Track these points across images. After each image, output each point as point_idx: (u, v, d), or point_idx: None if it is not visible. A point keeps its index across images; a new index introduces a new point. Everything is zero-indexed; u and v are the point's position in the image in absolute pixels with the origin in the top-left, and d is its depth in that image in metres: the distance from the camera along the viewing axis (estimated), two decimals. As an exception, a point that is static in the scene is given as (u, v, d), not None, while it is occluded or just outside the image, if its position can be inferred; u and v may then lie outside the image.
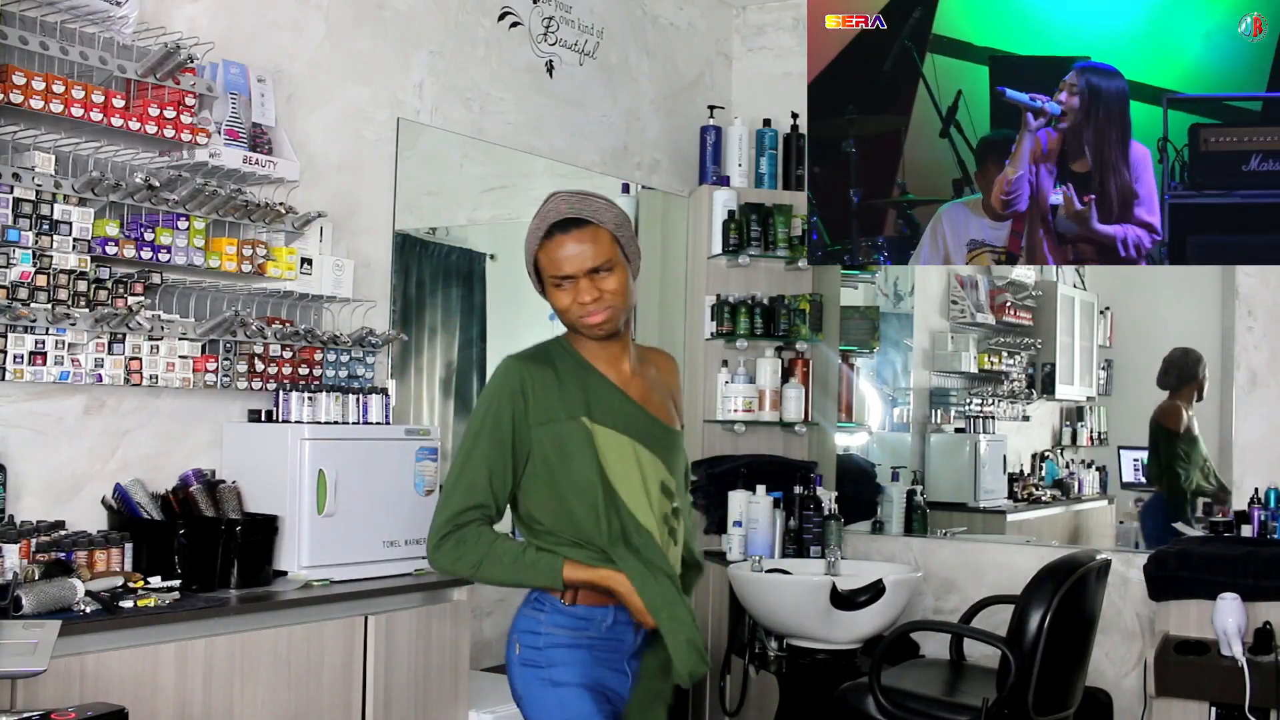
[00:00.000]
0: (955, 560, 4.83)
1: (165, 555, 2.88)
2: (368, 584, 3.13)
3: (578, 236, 2.29)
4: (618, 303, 2.32)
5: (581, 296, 2.30)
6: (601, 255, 2.29)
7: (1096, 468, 6.75)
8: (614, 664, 2.37)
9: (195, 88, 3.08)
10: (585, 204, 2.31)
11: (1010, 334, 6.62)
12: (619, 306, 2.32)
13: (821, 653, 4.25)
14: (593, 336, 2.35)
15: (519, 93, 4.33)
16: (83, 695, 2.42)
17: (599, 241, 2.29)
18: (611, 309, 2.31)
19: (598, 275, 2.30)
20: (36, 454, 2.92)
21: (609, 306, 2.31)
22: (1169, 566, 3.90)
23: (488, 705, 3.32)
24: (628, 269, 2.34)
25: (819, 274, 5.09)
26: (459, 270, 4.60)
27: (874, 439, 5.62)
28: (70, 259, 2.87)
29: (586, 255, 2.28)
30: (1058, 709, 3.66)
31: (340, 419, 3.25)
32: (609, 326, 2.33)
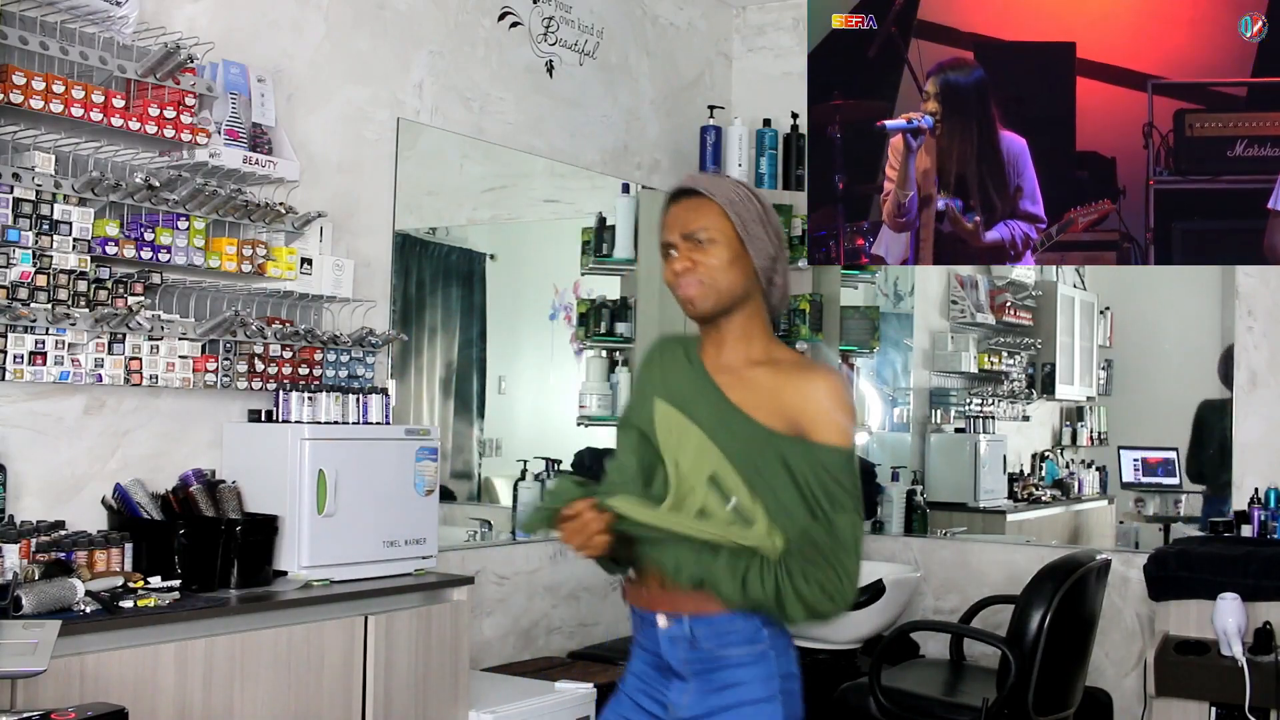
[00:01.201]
0: (955, 560, 4.83)
1: (165, 555, 2.88)
2: (368, 584, 3.13)
3: (685, 205, 2.19)
4: (712, 279, 2.16)
5: (675, 265, 2.18)
6: (700, 221, 2.17)
7: (1096, 468, 6.76)
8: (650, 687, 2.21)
9: (195, 88, 3.08)
10: (705, 179, 2.23)
11: (1010, 334, 6.62)
12: (713, 284, 2.16)
13: (821, 653, 4.25)
14: (687, 314, 2.22)
15: (519, 93, 4.33)
16: (83, 695, 2.42)
17: (703, 210, 2.17)
18: (703, 284, 2.16)
19: (699, 246, 2.17)
20: (36, 454, 2.92)
21: (701, 280, 2.16)
22: (1169, 566, 3.90)
23: (488, 705, 3.32)
24: (740, 253, 2.17)
25: (819, 274, 5.09)
26: (459, 270, 4.60)
27: (874, 439, 5.63)
28: (70, 259, 2.87)
29: (685, 219, 2.18)
30: (1058, 709, 3.66)
31: (340, 419, 3.25)
32: (700, 305, 2.17)
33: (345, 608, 3.02)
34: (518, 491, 4.45)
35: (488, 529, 4.36)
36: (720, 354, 2.21)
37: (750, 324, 2.21)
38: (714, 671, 2.13)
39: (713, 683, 2.14)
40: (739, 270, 2.17)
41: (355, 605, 3.05)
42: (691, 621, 2.13)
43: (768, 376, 2.17)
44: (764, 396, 2.15)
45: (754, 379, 2.18)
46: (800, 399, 2.13)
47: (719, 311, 2.18)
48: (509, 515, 4.56)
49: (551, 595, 4.36)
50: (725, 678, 2.13)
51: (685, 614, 2.13)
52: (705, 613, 2.12)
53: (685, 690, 2.15)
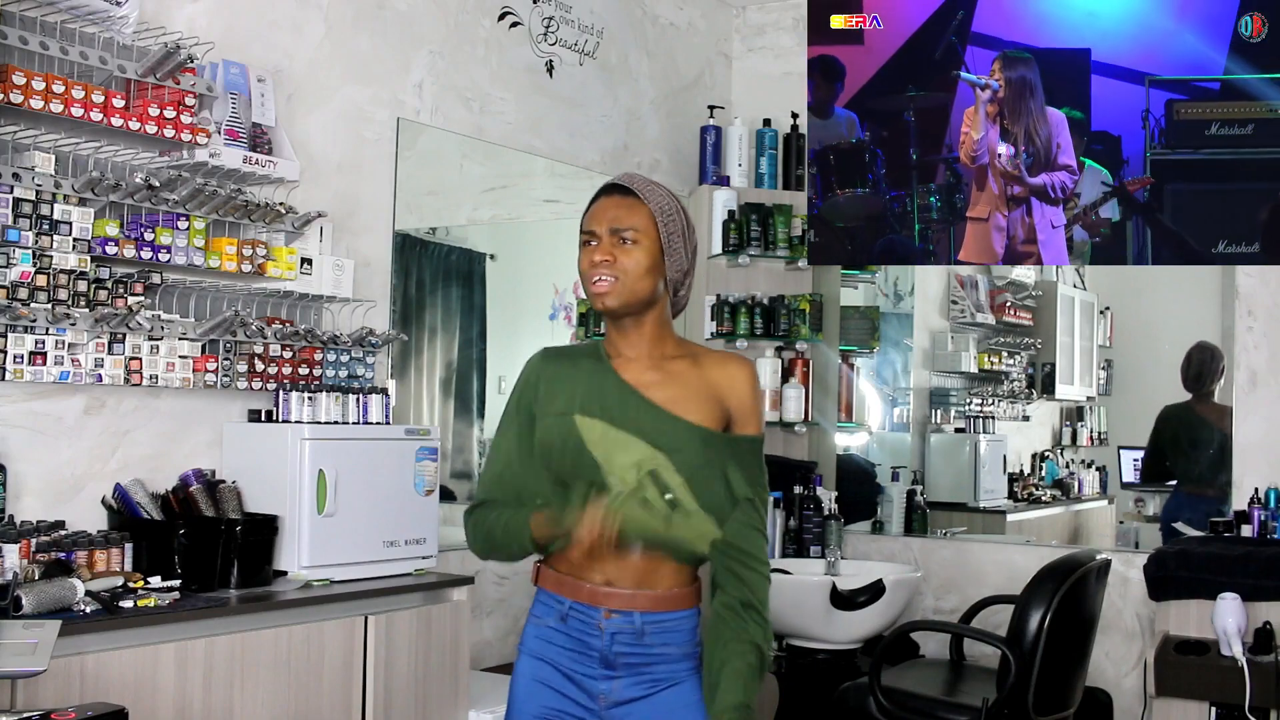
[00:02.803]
0: (955, 560, 4.83)
1: (165, 555, 2.88)
2: (368, 584, 3.13)
3: (617, 202, 2.26)
4: (628, 280, 2.23)
5: (594, 255, 2.24)
6: (630, 221, 2.23)
7: (1096, 468, 6.75)
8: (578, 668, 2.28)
9: (195, 88, 3.08)
10: (642, 181, 2.28)
11: (1010, 334, 6.62)
12: (628, 284, 2.23)
13: (821, 653, 4.26)
14: (594, 307, 2.28)
15: (519, 93, 4.33)
16: (83, 695, 2.42)
17: (636, 212, 2.24)
18: (618, 281, 2.23)
19: (622, 243, 2.23)
20: (36, 454, 2.92)
21: (617, 278, 2.23)
22: (1169, 566, 3.90)
23: (488, 705, 3.32)
24: (658, 259, 2.25)
25: (819, 274, 5.10)
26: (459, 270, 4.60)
27: (874, 439, 5.62)
28: (70, 259, 2.87)
29: (617, 216, 2.24)
30: (1058, 709, 3.66)
31: (340, 419, 3.25)
32: (611, 301, 2.24)
33: (345, 608, 3.02)
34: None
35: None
36: (634, 354, 2.31)
37: (661, 324, 2.32)
38: (651, 665, 2.25)
39: (645, 676, 2.25)
40: (653, 277, 2.26)
41: (355, 605, 3.05)
42: (643, 617, 2.24)
43: (687, 368, 2.30)
44: (688, 390, 2.28)
45: (675, 373, 2.29)
46: (723, 389, 2.29)
47: (625, 311, 2.27)
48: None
49: (551, 595, 4.35)
50: (659, 672, 2.25)
51: (637, 610, 2.23)
52: (658, 609, 2.24)
53: (613, 683, 2.25)
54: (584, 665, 2.25)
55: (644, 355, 2.30)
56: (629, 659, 2.24)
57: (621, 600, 2.24)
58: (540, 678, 2.28)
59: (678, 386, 2.28)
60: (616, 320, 2.30)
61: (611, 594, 2.24)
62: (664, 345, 2.32)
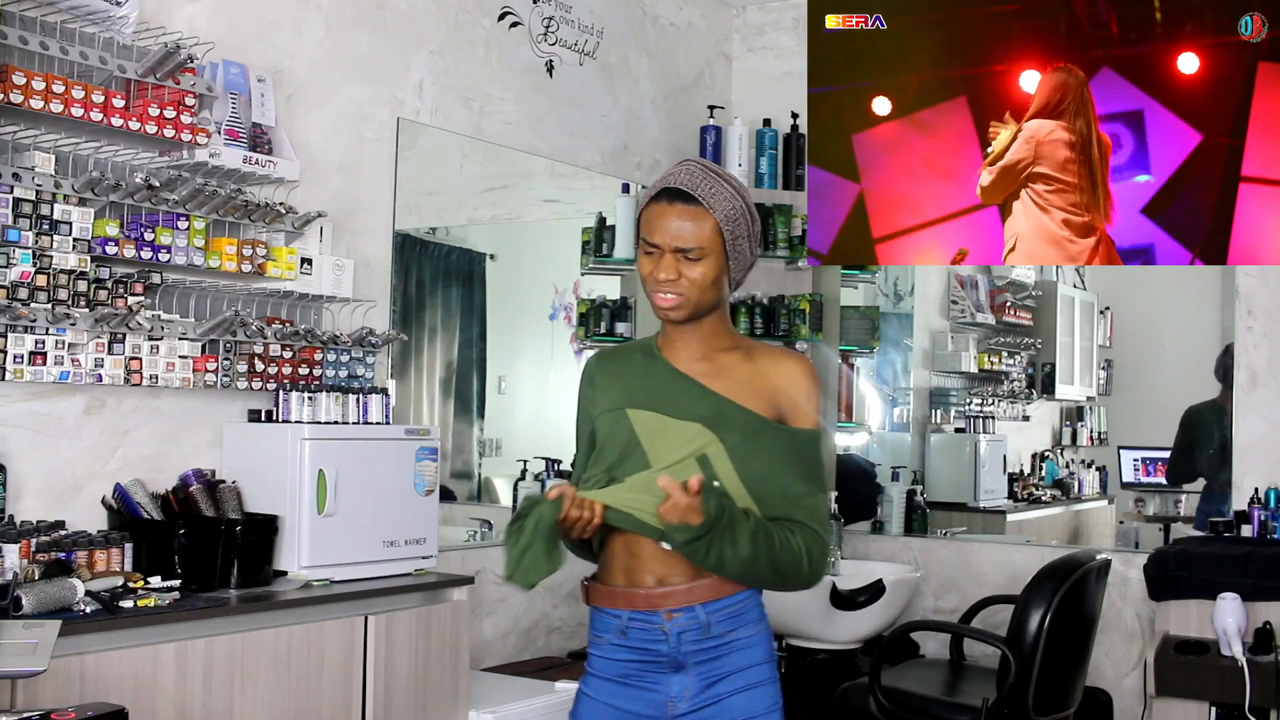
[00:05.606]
0: (955, 560, 4.83)
1: (165, 555, 2.88)
2: (368, 584, 3.13)
3: (681, 212, 2.19)
4: (694, 294, 2.20)
5: (660, 272, 2.20)
6: (696, 240, 2.17)
7: (1096, 468, 6.75)
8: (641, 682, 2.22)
9: (195, 88, 3.08)
10: (706, 183, 2.20)
11: (1010, 334, 6.62)
12: (693, 298, 2.20)
13: (821, 652, 4.26)
14: (659, 317, 2.26)
15: (519, 93, 4.33)
16: (83, 695, 2.42)
17: (700, 226, 2.18)
18: (684, 297, 2.20)
19: (687, 258, 2.19)
20: (36, 454, 2.92)
21: (682, 294, 2.20)
22: (1169, 566, 3.90)
23: (488, 705, 3.32)
24: (722, 266, 2.22)
25: (819, 274, 5.10)
26: (459, 270, 4.60)
27: (874, 439, 5.63)
28: (70, 259, 2.87)
29: (682, 234, 2.18)
30: (1058, 709, 3.66)
31: (340, 419, 3.25)
32: (677, 315, 2.22)
33: (345, 608, 3.02)
34: (517, 491, 4.45)
35: (488, 529, 4.36)
36: (688, 348, 2.28)
37: (719, 320, 2.29)
38: (721, 658, 2.19)
39: (715, 671, 2.19)
40: (718, 285, 2.24)
41: (355, 605, 3.04)
42: (705, 609, 2.18)
43: (740, 361, 2.27)
44: (741, 383, 2.25)
45: (727, 364, 2.27)
46: (779, 384, 2.26)
47: (690, 320, 2.25)
48: (509, 515, 4.55)
49: (551, 595, 4.36)
50: (731, 663, 2.20)
51: (698, 603, 2.18)
52: (720, 597, 2.19)
53: (685, 683, 2.19)
54: (652, 674, 2.20)
55: (697, 348, 2.28)
56: (699, 655, 2.19)
57: (680, 597, 2.17)
58: (602, 696, 2.24)
59: (730, 378, 2.25)
60: (679, 324, 2.28)
61: (669, 593, 2.17)
62: (719, 339, 2.29)
